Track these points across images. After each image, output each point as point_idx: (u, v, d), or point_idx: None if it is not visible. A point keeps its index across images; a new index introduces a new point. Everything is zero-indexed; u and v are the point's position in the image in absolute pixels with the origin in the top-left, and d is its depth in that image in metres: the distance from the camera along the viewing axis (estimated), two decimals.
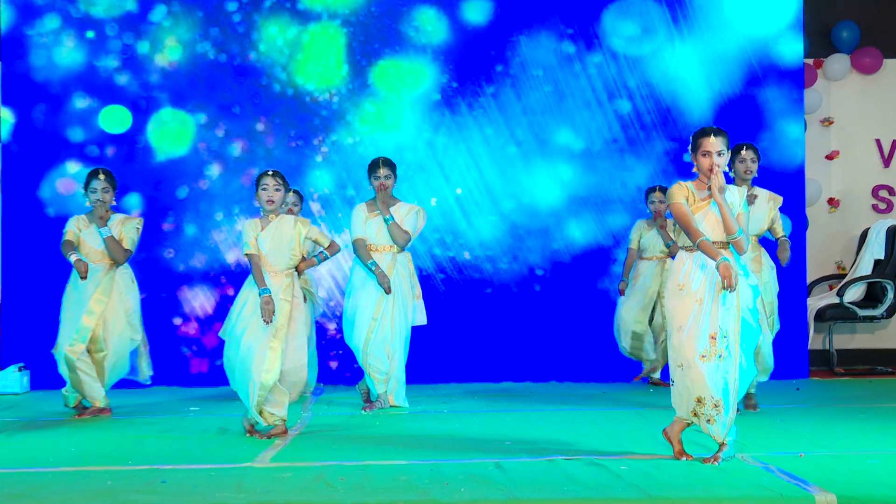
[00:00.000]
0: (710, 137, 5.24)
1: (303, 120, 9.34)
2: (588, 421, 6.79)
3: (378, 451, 5.64)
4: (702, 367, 5.13)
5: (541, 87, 9.45)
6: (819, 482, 4.63)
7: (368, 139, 9.36)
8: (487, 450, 5.64)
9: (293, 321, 6.18)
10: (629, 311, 8.70)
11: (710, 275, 5.19)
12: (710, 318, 5.15)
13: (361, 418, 7.00)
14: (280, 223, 6.23)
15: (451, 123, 9.43)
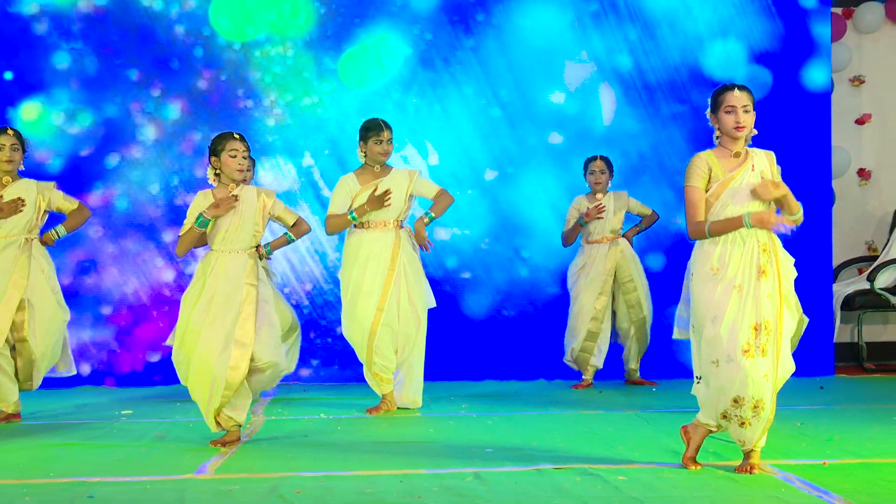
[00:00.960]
0: (734, 91, 5.27)
1: (252, 77, 9.33)
2: (581, 425, 6.83)
3: (341, 461, 5.67)
4: (744, 363, 5.12)
5: (528, 41, 9.46)
6: (844, 493, 4.69)
7: (329, 99, 9.36)
8: (466, 458, 5.67)
9: (262, 307, 6.15)
10: (587, 302, 8.74)
11: (748, 255, 5.20)
12: (751, 306, 5.15)
13: (321, 423, 7.02)
14: (241, 195, 6.23)
15: (424, 82, 9.44)
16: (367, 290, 7.38)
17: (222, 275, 6.11)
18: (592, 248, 8.79)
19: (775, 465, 5.35)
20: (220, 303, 6.06)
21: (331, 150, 9.32)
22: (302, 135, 9.35)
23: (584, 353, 8.76)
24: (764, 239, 5.23)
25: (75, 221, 7.36)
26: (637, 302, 8.79)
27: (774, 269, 5.20)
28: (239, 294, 6.08)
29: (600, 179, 8.75)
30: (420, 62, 9.42)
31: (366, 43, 9.40)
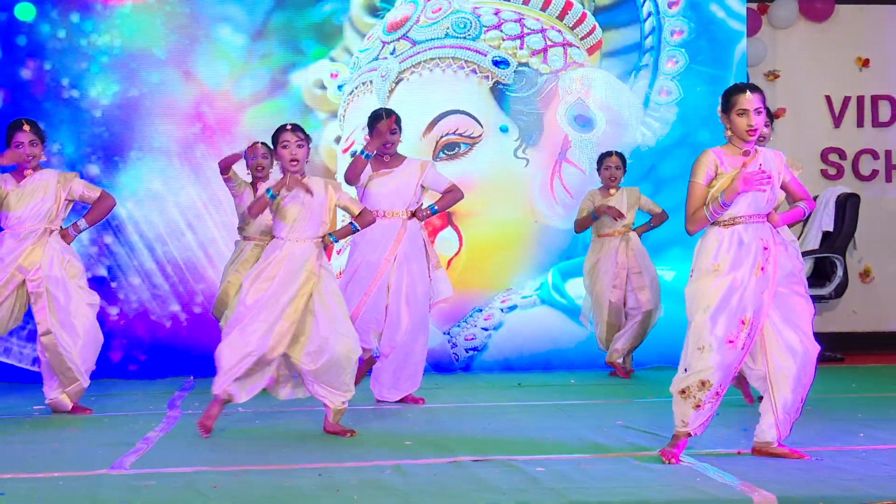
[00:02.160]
0: (746, 93, 5.26)
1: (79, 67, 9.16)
2: (502, 417, 6.84)
3: (259, 454, 5.61)
4: (727, 353, 5.20)
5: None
6: (758, 482, 4.73)
7: (157, 91, 9.23)
8: (385, 451, 5.65)
9: (317, 297, 6.08)
10: (603, 294, 8.79)
11: (750, 252, 5.25)
12: (743, 301, 5.21)
13: (239, 416, 6.96)
14: (310, 184, 6.14)
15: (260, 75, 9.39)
16: (367, 276, 7.36)
17: (285, 261, 6.07)
18: (604, 243, 8.85)
19: (691, 454, 5.39)
20: (278, 287, 6.03)
21: (160, 144, 9.22)
22: (129, 127, 9.21)
23: (611, 331, 8.88)
24: (765, 236, 5.29)
25: (97, 213, 7.21)
26: (646, 296, 8.83)
27: (772, 268, 5.27)
28: (298, 280, 6.04)
29: (615, 175, 8.78)
30: (257, 52, 9.32)
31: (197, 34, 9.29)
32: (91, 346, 7.13)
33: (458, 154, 9.36)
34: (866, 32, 10.94)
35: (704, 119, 9.65)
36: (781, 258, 5.31)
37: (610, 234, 8.82)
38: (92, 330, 7.14)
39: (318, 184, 6.20)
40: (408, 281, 7.37)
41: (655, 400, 7.52)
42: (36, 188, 7.03)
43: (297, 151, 6.09)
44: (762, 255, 5.26)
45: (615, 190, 8.81)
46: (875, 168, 10.89)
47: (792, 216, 5.49)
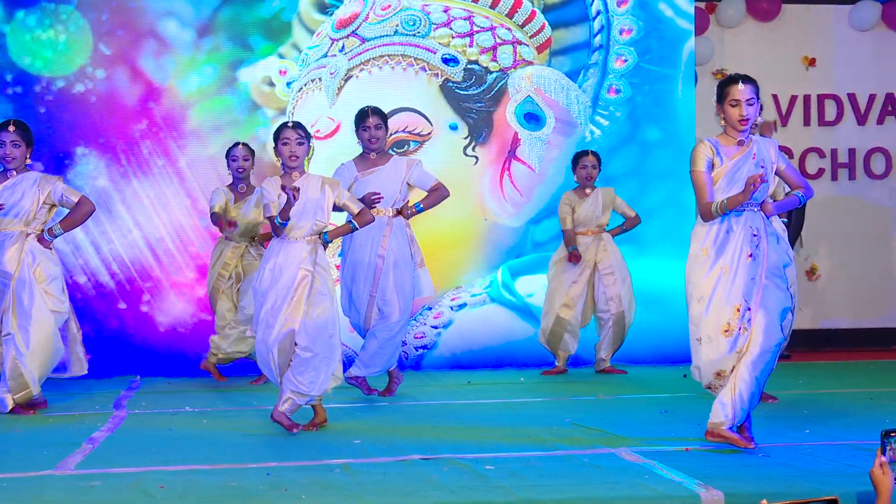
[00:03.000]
0: (738, 84, 5.40)
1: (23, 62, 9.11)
2: (451, 415, 6.85)
3: (206, 454, 5.58)
4: (724, 341, 5.35)
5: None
6: (706, 479, 4.77)
7: (102, 86, 9.16)
8: (334, 449, 5.64)
9: (313, 295, 6.09)
10: (559, 287, 8.79)
11: (737, 239, 5.37)
12: (734, 287, 5.35)
13: (186, 416, 6.92)
14: (303, 185, 6.13)
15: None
16: (359, 274, 7.40)
17: (281, 261, 6.09)
18: (576, 240, 8.82)
19: (638, 451, 5.42)
20: (279, 289, 6.06)
21: (106, 141, 9.17)
22: (75, 123, 9.15)
23: (553, 338, 8.84)
24: (755, 224, 5.40)
25: (74, 218, 7.09)
26: (616, 295, 8.81)
27: (762, 254, 5.38)
28: (293, 279, 6.06)
29: (591, 174, 8.79)
30: (204, 48, 9.30)
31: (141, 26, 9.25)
32: (42, 355, 6.95)
33: (407, 152, 9.36)
34: (813, 32, 11.06)
35: (653, 117, 9.71)
36: (770, 249, 5.40)
37: (583, 233, 8.82)
38: (46, 338, 6.97)
39: (314, 182, 6.18)
40: (394, 276, 7.41)
41: (605, 398, 7.56)
42: (15, 189, 6.95)
43: (297, 149, 6.11)
44: (751, 242, 5.36)
45: (591, 190, 8.81)
46: (821, 166, 11.01)
47: (786, 204, 5.62)
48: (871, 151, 11.05)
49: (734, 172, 5.44)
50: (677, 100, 9.80)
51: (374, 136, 7.40)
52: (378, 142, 7.42)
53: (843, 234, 11.04)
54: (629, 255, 9.37)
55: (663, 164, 9.63)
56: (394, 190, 7.41)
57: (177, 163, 9.19)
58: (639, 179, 9.68)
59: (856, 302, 11.03)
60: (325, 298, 6.15)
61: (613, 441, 5.73)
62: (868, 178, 11.04)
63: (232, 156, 8.34)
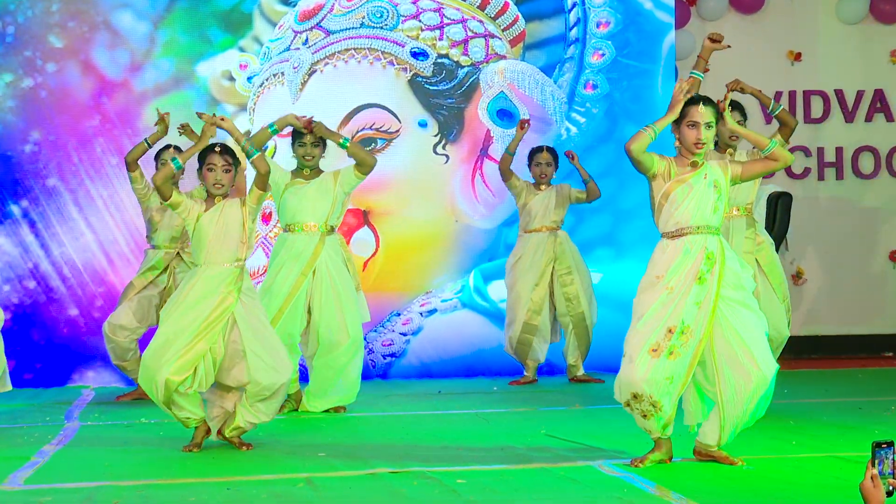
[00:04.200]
0: (699, 107, 5.39)
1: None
2: (420, 426, 6.86)
3: (163, 468, 5.58)
4: (646, 362, 5.29)
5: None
6: (685, 492, 4.80)
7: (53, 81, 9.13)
8: (297, 463, 5.64)
9: (240, 323, 5.96)
10: (523, 292, 8.77)
11: (690, 261, 5.34)
12: (673, 308, 5.31)
13: (142, 428, 6.90)
14: (225, 208, 6.03)
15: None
16: (275, 291, 7.27)
17: (202, 287, 5.95)
18: (530, 238, 8.81)
19: (616, 465, 5.44)
20: (198, 315, 5.91)
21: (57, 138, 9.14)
22: (24, 119, 9.11)
23: (521, 346, 8.81)
24: (712, 247, 5.37)
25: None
26: (575, 296, 8.81)
27: (714, 278, 5.33)
28: (211, 304, 5.92)
29: (546, 172, 8.79)
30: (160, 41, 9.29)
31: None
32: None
33: (374, 150, 9.36)
34: (798, 25, 11.10)
35: (631, 114, 9.74)
36: (728, 271, 5.38)
37: (537, 230, 8.83)
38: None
39: (232, 205, 6.06)
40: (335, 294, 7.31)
41: (583, 408, 7.58)
42: None
43: (222, 176, 5.99)
44: (703, 265, 5.34)
45: (546, 187, 8.82)
46: (807, 166, 11.06)
47: (754, 136, 5.60)
48: (859, 150, 11.11)
49: (688, 187, 5.38)
50: (657, 96, 9.83)
51: (308, 154, 7.33)
52: (314, 159, 7.36)
53: (831, 237, 11.10)
54: (606, 259, 9.41)
55: None
56: (326, 204, 7.33)
57: None
58: (616, 179, 9.68)
59: (843, 307, 11.09)
60: (261, 323, 6.06)
61: (591, 453, 5.75)
62: (856, 177, 11.11)
63: (163, 160, 7.98)
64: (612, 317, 9.32)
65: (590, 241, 9.43)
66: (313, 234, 7.31)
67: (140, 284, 8.13)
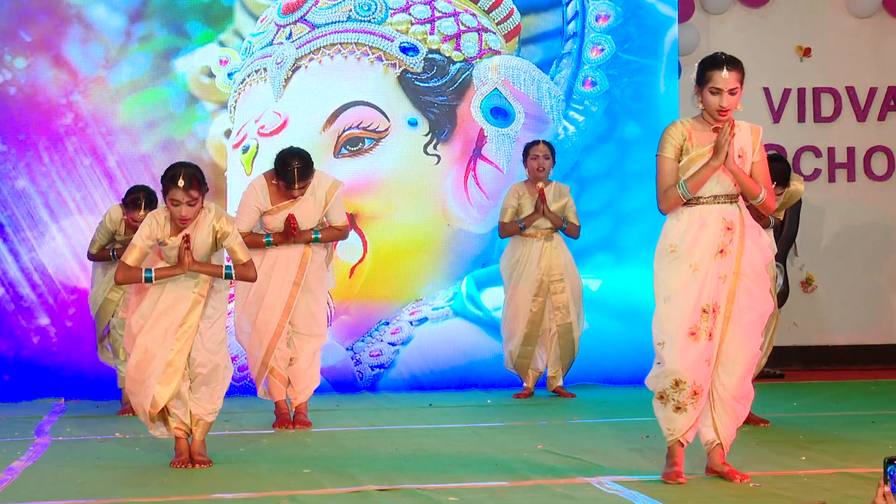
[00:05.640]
0: (722, 72, 5.33)
1: None
2: (410, 441, 6.86)
3: (139, 485, 5.58)
4: (689, 345, 5.31)
5: None
6: None
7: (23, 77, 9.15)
8: (280, 479, 5.64)
9: (205, 322, 6.06)
10: (522, 304, 8.77)
11: (709, 234, 5.35)
12: (704, 287, 5.32)
13: (116, 443, 6.89)
14: (195, 232, 6.03)
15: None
16: (269, 303, 7.35)
17: (173, 291, 6.02)
18: (525, 243, 8.78)
19: (618, 480, 5.44)
20: (167, 315, 5.99)
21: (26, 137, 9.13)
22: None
23: (522, 360, 8.80)
24: (730, 217, 5.38)
25: None
26: (564, 305, 8.78)
27: (736, 249, 5.36)
28: (185, 304, 5.99)
29: (543, 165, 8.76)
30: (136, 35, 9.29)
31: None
32: None
33: (361, 150, 9.37)
34: (807, 19, 11.12)
35: (632, 112, 9.75)
36: (749, 242, 5.40)
37: (533, 235, 8.82)
38: None
39: (203, 230, 6.05)
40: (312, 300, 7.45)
41: (581, 421, 7.58)
42: None
43: (187, 211, 5.95)
44: (724, 237, 5.35)
45: (543, 183, 8.82)
46: (817, 167, 11.08)
47: (749, 182, 5.44)
48: (871, 150, 11.13)
49: (707, 157, 5.37)
50: (659, 93, 9.84)
51: (297, 193, 7.32)
52: (301, 191, 7.34)
53: (842, 241, 11.12)
54: (606, 264, 9.41)
55: (643, 164, 9.63)
56: (315, 217, 7.41)
57: (105, 162, 9.15)
58: (617, 180, 9.71)
59: (855, 315, 11.10)
60: (218, 314, 6.13)
61: (590, 469, 5.75)
62: (868, 179, 11.13)
63: (131, 209, 7.95)
64: (612, 326, 9.35)
65: (588, 245, 9.43)
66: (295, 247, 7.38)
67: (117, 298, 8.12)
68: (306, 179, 7.29)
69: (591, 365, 9.18)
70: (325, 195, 7.41)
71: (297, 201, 7.34)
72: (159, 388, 5.94)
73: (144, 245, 6.00)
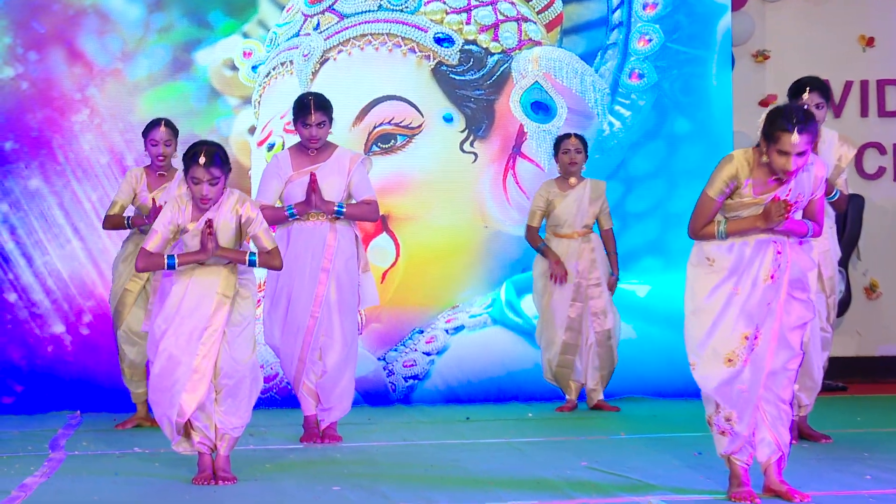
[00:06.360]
0: (793, 136, 5.23)
1: None
2: (446, 457, 6.87)
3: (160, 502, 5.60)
4: (724, 372, 5.36)
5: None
6: None
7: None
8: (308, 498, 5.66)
9: (231, 328, 6.06)
10: (559, 310, 8.77)
11: (756, 255, 5.36)
12: (747, 313, 5.34)
13: (135, 458, 6.92)
14: (218, 211, 6.05)
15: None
16: (297, 296, 7.37)
17: (194, 287, 6.03)
18: (560, 245, 8.78)
19: (669, 500, 5.44)
20: (191, 319, 6.00)
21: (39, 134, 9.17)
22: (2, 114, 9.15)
23: (562, 369, 8.79)
24: (780, 238, 5.39)
25: None
26: (602, 310, 8.78)
27: (783, 274, 5.37)
28: (208, 305, 6.01)
29: (576, 159, 8.76)
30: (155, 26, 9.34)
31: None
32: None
33: (393, 148, 9.39)
34: (870, 5, 11.06)
35: (682, 107, 9.72)
36: (793, 258, 5.40)
37: (568, 236, 8.82)
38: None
39: (226, 208, 6.09)
40: (337, 293, 7.40)
41: (629, 436, 7.57)
42: None
43: (209, 190, 5.99)
44: (773, 262, 5.35)
45: (576, 179, 8.78)
46: (882, 164, 11.02)
47: (796, 228, 5.45)
48: None
49: (761, 208, 5.38)
50: (710, 86, 9.81)
51: (315, 136, 7.37)
52: (319, 141, 7.39)
53: None
54: (654, 269, 9.38)
55: (694, 162, 9.63)
56: (337, 189, 7.38)
57: (123, 160, 9.19)
58: (665, 179, 9.69)
59: None
60: (244, 316, 6.12)
61: (639, 488, 5.74)
62: None
63: (151, 139, 8.10)
64: (661, 334, 9.32)
65: (635, 249, 9.42)
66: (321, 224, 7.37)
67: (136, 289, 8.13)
68: (323, 111, 7.35)
69: (639, 376, 9.16)
70: (348, 163, 7.41)
71: (319, 165, 7.34)
72: (186, 396, 5.97)
73: (166, 231, 6.03)
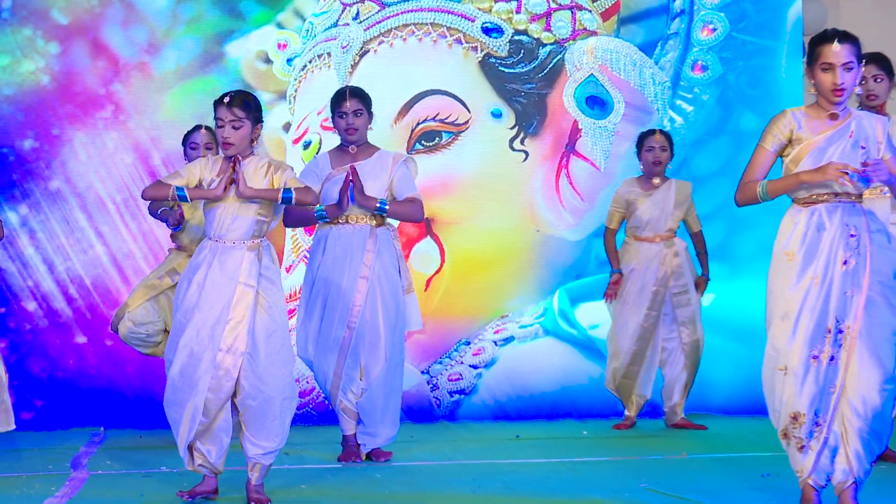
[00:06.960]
0: (833, 44, 5.37)
1: None
2: (494, 477, 6.85)
3: None
4: (810, 372, 5.31)
5: None
6: None
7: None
8: None
9: (260, 316, 6.00)
10: (632, 318, 8.72)
11: (830, 240, 5.33)
12: (826, 303, 5.31)
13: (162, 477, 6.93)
14: (248, 167, 6.09)
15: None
16: (331, 302, 7.36)
17: (214, 274, 6.00)
18: (642, 248, 8.75)
19: None
20: (210, 310, 5.96)
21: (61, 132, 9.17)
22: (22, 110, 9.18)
23: (626, 381, 8.77)
24: (853, 221, 5.35)
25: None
26: (691, 319, 8.74)
27: (863, 259, 5.33)
28: (230, 297, 5.97)
29: (660, 158, 8.71)
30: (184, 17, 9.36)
31: None
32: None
33: (438, 146, 9.38)
34: None
35: (749, 101, 9.68)
36: (875, 250, 5.33)
37: (650, 239, 8.74)
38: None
39: (256, 167, 6.11)
40: (381, 303, 7.37)
41: (692, 456, 7.53)
42: None
43: (230, 133, 6.03)
44: (847, 245, 5.30)
45: (660, 180, 8.72)
46: None
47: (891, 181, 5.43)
48: None
49: (822, 151, 5.38)
50: (780, 79, 9.79)
51: (353, 125, 7.39)
52: (357, 132, 7.41)
53: None
54: (719, 276, 9.31)
55: None
56: (378, 191, 7.38)
57: (149, 159, 9.22)
58: (731, 179, 9.53)
59: None
60: (274, 321, 6.04)
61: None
62: None
63: (191, 142, 8.18)
64: (727, 347, 9.26)
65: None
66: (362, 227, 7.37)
67: (161, 285, 8.12)
68: (358, 98, 7.42)
69: (703, 392, 9.09)
70: (390, 162, 7.43)
71: (361, 165, 7.36)
72: (210, 395, 5.92)
73: (188, 175, 6.07)
